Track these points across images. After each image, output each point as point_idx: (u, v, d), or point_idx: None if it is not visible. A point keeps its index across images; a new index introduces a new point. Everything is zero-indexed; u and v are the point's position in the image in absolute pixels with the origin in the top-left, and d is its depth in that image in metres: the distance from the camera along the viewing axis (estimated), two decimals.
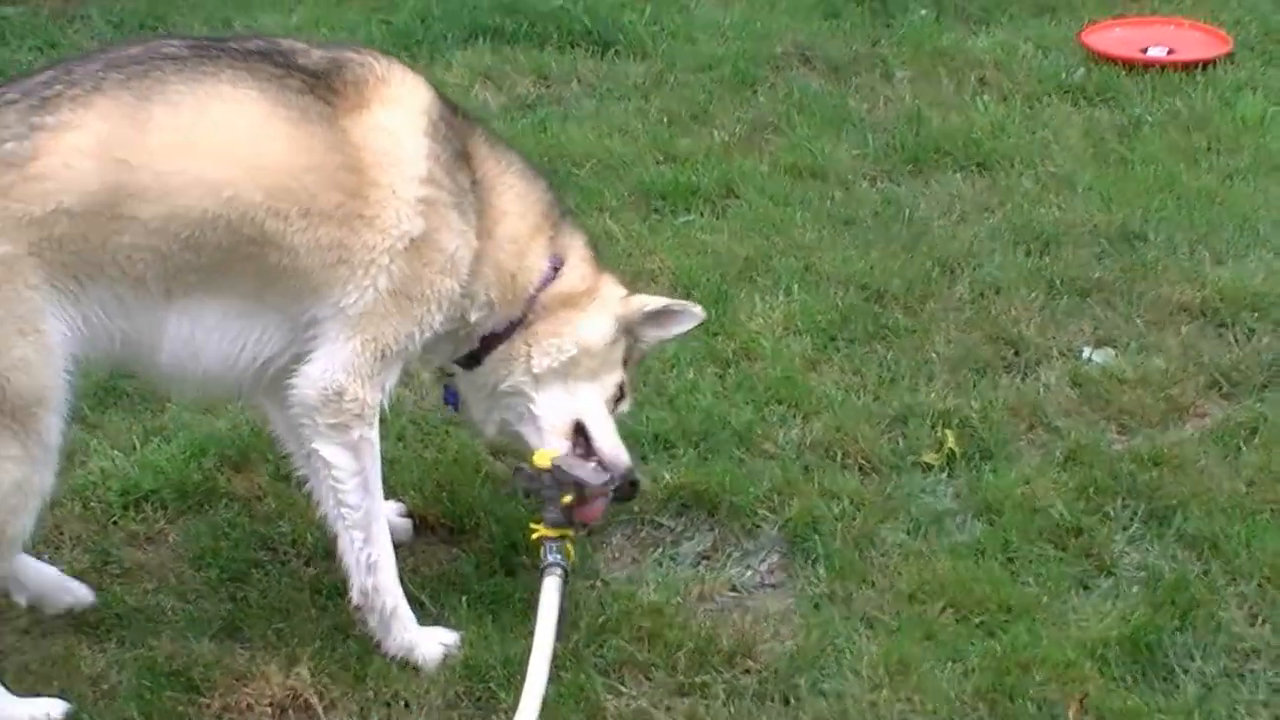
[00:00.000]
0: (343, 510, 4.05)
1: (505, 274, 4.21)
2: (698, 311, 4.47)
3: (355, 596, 4.10)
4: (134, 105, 3.73)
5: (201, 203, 3.74)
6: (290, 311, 3.95)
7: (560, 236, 4.33)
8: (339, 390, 3.96)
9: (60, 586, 4.27)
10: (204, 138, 3.79)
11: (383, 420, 4.57)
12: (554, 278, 4.27)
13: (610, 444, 4.29)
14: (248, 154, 3.82)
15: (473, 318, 4.19)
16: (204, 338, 3.91)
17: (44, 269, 3.64)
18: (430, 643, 4.12)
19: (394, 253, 3.93)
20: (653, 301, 4.40)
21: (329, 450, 4.02)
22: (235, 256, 3.82)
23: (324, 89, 3.93)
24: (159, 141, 3.73)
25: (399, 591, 4.14)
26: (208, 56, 3.88)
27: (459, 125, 4.14)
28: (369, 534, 4.07)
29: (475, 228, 4.10)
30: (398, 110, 3.99)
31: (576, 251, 4.36)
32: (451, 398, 4.48)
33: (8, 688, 3.93)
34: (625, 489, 4.28)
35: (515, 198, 4.24)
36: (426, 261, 3.99)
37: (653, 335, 4.43)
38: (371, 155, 3.92)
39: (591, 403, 4.30)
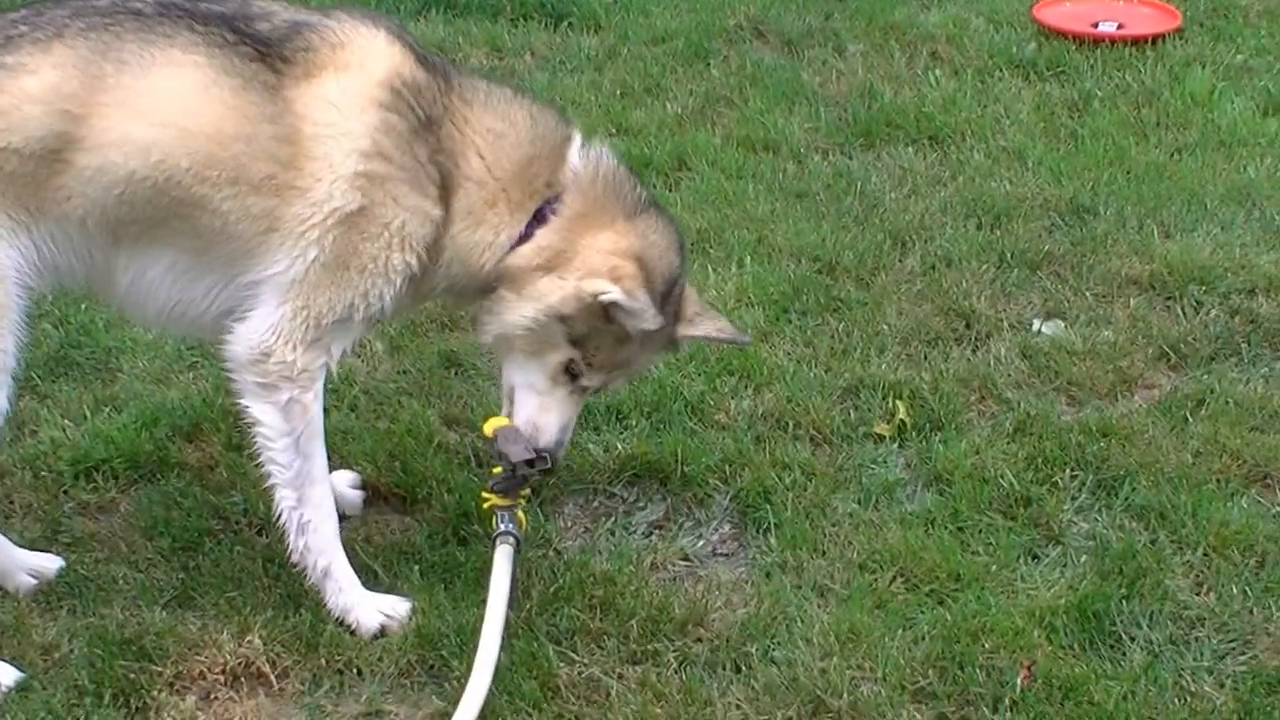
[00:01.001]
0: (273, 469, 4.08)
1: (463, 248, 4.12)
2: (647, 316, 4.09)
3: (292, 553, 4.13)
4: (87, 58, 3.80)
5: (129, 162, 3.81)
6: (229, 272, 3.98)
7: (556, 196, 4.14)
8: (265, 351, 3.98)
9: (27, 566, 4.26)
10: (141, 100, 3.83)
11: (334, 389, 4.60)
12: (516, 247, 4.12)
13: (526, 418, 4.19)
14: (179, 120, 3.85)
15: (441, 286, 4.18)
16: (154, 284, 3.99)
17: None
18: (368, 609, 4.13)
19: (325, 226, 3.92)
20: (612, 292, 4.04)
21: (257, 408, 4.04)
22: (168, 215, 3.88)
23: (275, 57, 3.92)
24: (102, 98, 3.79)
25: (335, 554, 4.15)
26: (169, 17, 3.91)
27: (433, 90, 4.04)
28: (301, 495, 4.08)
29: (436, 200, 4.04)
30: (349, 79, 3.95)
31: (560, 216, 4.13)
32: None
33: None
34: (526, 466, 4.14)
35: (480, 163, 4.11)
36: (366, 235, 3.95)
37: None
38: (312, 127, 3.91)
39: (525, 374, 4.20)
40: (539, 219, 4.13)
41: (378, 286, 4.01)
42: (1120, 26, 7.89)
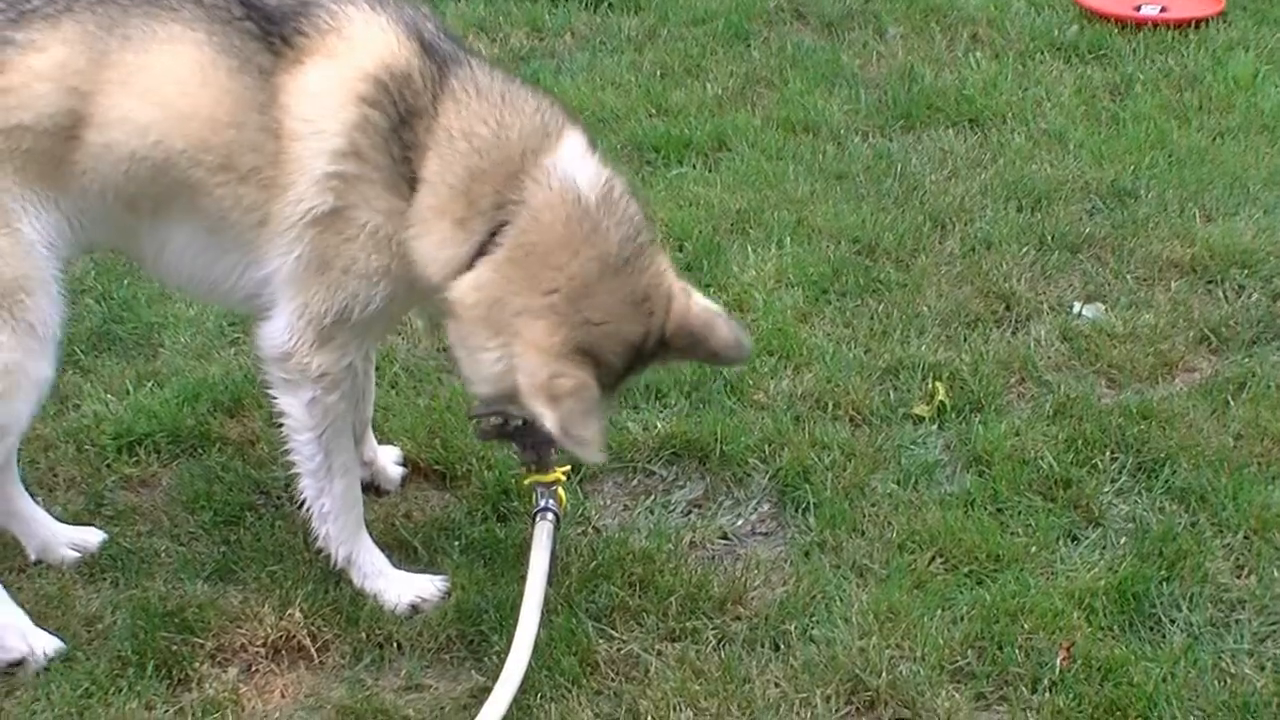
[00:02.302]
0: (298, 458, 4.12)
1: (411, 253, 3.85)
2: (590, 448, 3.71)
3: (317, 539, 4.17)
4: (94, 34, 3.75)
5: (130, 141, 3.76)
6: (243, 258, 3.94)
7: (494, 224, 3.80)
8: (286, 353, 3.97)
9: (69, 540, 4.30)
10: (141, 79, 3.77)
11: (375, 366, 4.61)
12: (451, 271, 3.81)
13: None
14: (176, 100, 3.78)
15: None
16: (177, 256, 3.98)
17: (15, 175, 3.72)
18: (398, 590, 4.15)
19: (304, 225, 3.83)
20: (540, 412, 3.70)
21: (284, 400, 4.06)
22: (171, 194, 3.84)
23: (278, 37, 3.80)
24: (105, 75, 3.74)
25: (356, 542, 4.17)
26: None
27: (423, 81, 3.82)
28: (323, 485, 4.11)
29: (408, 197, 3.83)
30: (334, 69, 3.79)
31: (502, 253, 3.78)
32: None
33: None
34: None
35: (437, 166, 3.81)
36: (344, 236, 3.84)
37: None
38: (292, 121, 3.78)
39: None
40: (493, 241, 3.80)
41: (364, 288, 3.88)
42: (1163, 9, 7.85)
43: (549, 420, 3.67)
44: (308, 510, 4.15)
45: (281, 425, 4.10)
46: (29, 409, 3.83)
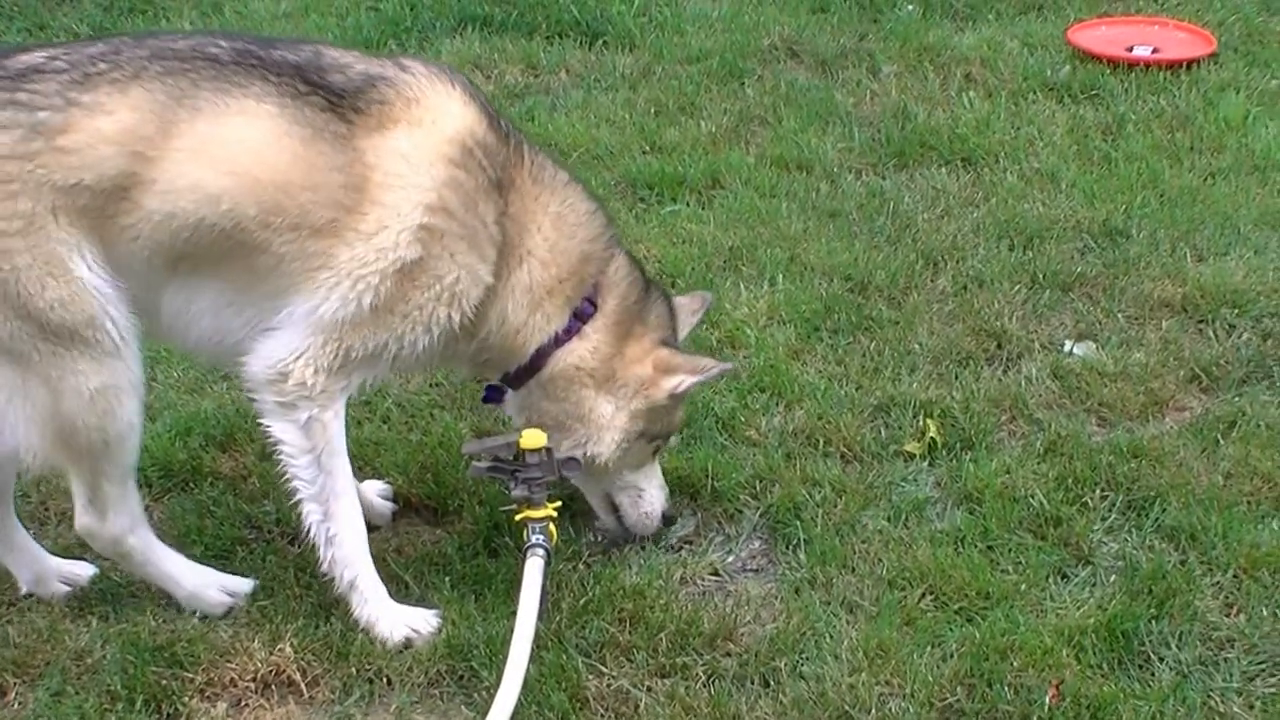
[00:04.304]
0: (298, 484, 4.13)
1: (510, 325, 4.25)
2: (728, 366, 4.69)
3: (321, 563, 4.17)
4: (164, 103, 3.86)
5: (199, 209, 3.87)
6: (272, 305, 4.03)
7: (595, 291, 4.34)
8: (283, 372, 4.03)
9: (60, 573, 4.33)
10: (214, 150, 3.90)
11: (366, 401, 4.63)
12: (564, 341, 4.31)
13: (640, 513, 4.56)
14: (250, 169, 3.91)
15: (468, 349, 4.26)
16: (197, 315, 4.05)
17: (68, 228, 3.80)
18: (393, 621, 4.15)
19: (384, 273, 3.98)
20: (684, 381, 4.39)
21: (277, 426, 4.10)
22: (227, 256, 3.95)
23: (348, 108, 3.98)
24: (175, 144, 3.86)
25: (361, 567, 4.17)
26: (244, 65, 3.97)
27: (503, 153, 4.14)
28: (327, 510, 4.12)
29: (492, 265, 4.13)
30: (421, 134, 4.02)
31: (603, 315, 4.35)
32: (491, 395, 4.53)
33: None
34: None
35: (545, 243, 4.24)
36: (419, 285, 4.03)
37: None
38: (381, 176, 3.98)
39: (622, 480, 4.52)
40: (577, 315, 4.31)
41: (415, 334, 4.08)
42: (1154, 50, 7.89)
43: (684, 381, 4.36)
44: (311, 536, 4.16)
45: (277, 456, 4.12)
46: (135, 413, 3.99)
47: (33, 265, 3.77)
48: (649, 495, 4.52)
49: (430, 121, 4.04)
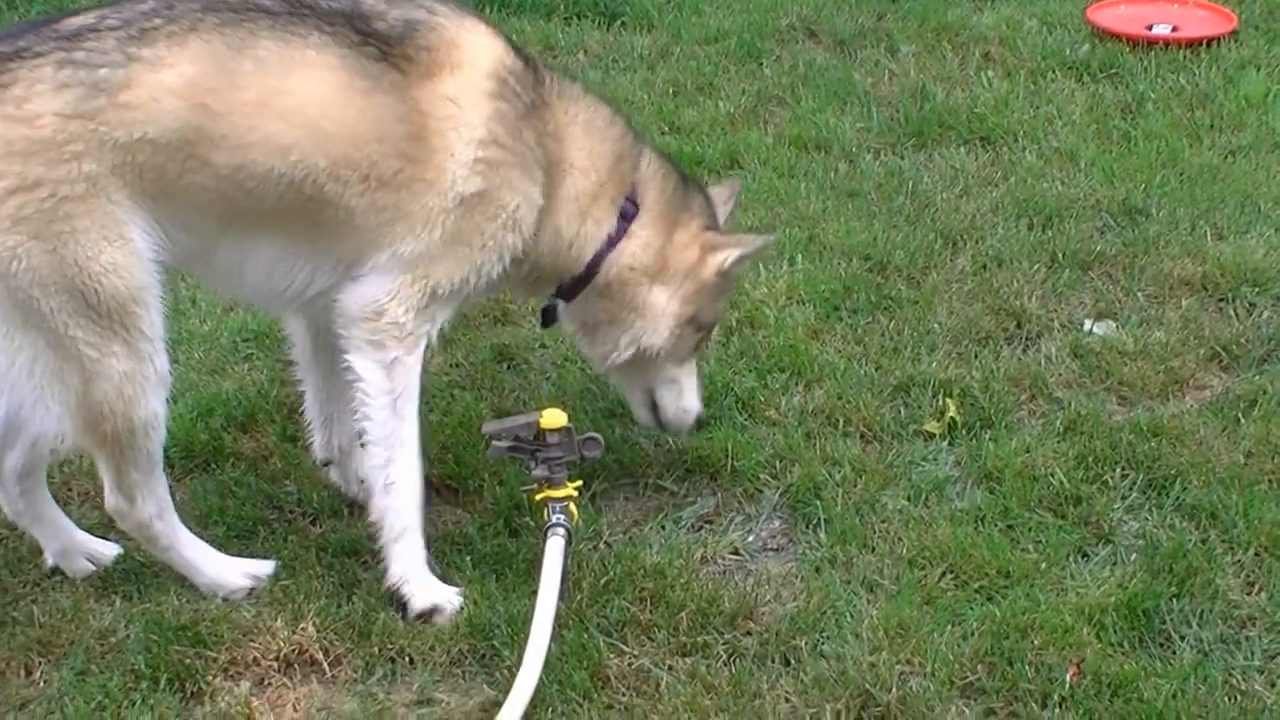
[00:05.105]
0: (367, 424, 4.15)
1: (564, 239, 4.34)
2: (771, 239, 4.94)
3: (371, 512, 4.19)
4: (225, 54, 3.86)
5: (269, 160, 3.89)
6: (340, 255, 4.09)
7: (634, 190, 4.43)
8: (379, 310, 4.09)
9: (86, 550, 4.35)
10: (282, 101, 3.90)
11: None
12: (616, 243, 4.40)
13: (677, 409, 4.67)
14: (319, 122, 3.94)
15: (524, 272, 4.35)
16: (251, 268, 4.10)
17: (126, 188, 3.80)
18: (421, 587, 4.16)
19: (448, 210, 4.06)
20: (731, 254, 4.51)
21: (361, 364, 4.13)
22: (293, 209, 3.98)
23: (399, 56, 4.02)
24: (242, 97, 3.87)
25: (412, 520, 4.18)
26: (297, 15, 3.97)
27: (530, 76, 4.22)
28: (391, 455, 4.14)
29: (541, 186, 4.22)
30: (464, 75, 4.07)
31: (647, 211, 4.44)
32: (548, 317, 4.63)
33: None
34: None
35: (581, 152, 4.33)
36: (488, 216, 4.12)
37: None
38: (435, 122, 4.03)
39: (664, 373, 4.61)
40: (623, 216, 4.40)
41: (490, 262, 4.16)
42: (1174, 29, 7.87)
43: (731, 254, 4.49)
44: (368, 484, 4.20)
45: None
46: (161, 404, 4.00)
47: (91, 229, 3.77)
48: (688, 390, 4.61)
49: (469, 63, 4.09)
